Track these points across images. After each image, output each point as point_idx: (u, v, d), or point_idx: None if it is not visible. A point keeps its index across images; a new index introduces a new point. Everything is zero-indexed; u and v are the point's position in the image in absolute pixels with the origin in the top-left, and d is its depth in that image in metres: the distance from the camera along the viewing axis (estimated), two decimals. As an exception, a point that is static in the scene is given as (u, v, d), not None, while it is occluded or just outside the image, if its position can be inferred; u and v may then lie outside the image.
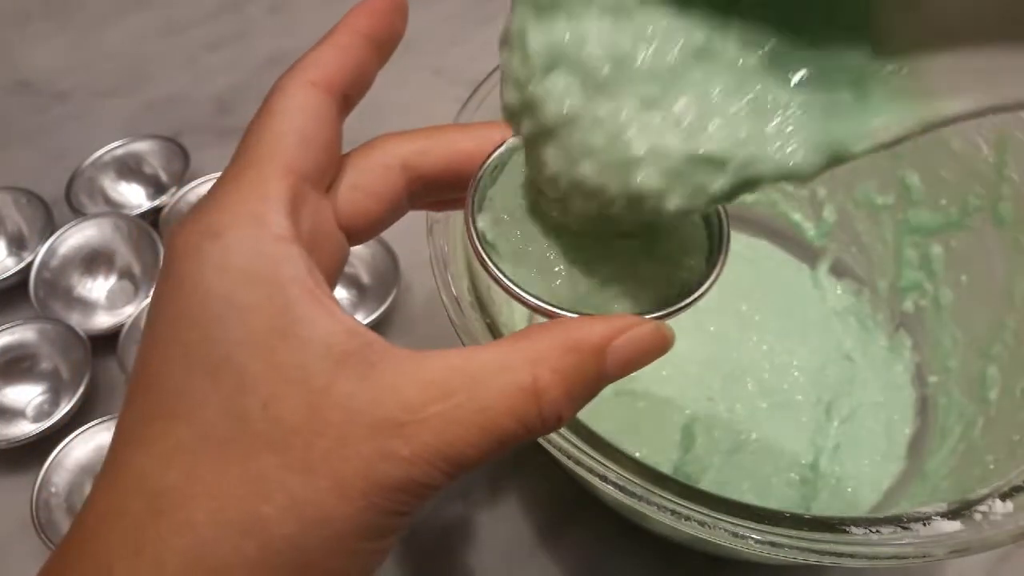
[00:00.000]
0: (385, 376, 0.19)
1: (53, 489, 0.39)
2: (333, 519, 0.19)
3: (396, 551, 0.39)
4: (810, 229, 0.46)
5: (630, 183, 0.21)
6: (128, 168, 0.51)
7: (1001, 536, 0.25)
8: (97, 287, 0.46)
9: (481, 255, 0.23)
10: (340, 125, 0.23)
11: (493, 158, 0.24)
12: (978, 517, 0.26)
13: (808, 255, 0.47)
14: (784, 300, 0.45)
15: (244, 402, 0.19)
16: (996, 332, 0.37)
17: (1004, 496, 0.27)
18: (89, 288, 0.46)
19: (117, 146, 0.52)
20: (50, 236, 0.46)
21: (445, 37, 0.62)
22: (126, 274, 0.47)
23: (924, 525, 0.26)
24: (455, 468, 0.19)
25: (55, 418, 0.40)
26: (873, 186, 0.43)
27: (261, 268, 0.20)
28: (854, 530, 0.25)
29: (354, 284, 0.47)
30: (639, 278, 0.23)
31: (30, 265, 0.45)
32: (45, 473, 0.39)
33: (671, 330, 0.22)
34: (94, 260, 0.46)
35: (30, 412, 0.42)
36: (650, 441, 0.39)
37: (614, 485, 0.26)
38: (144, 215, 0.48)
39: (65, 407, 0.40)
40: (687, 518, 0.25)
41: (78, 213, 0.48)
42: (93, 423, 0.40)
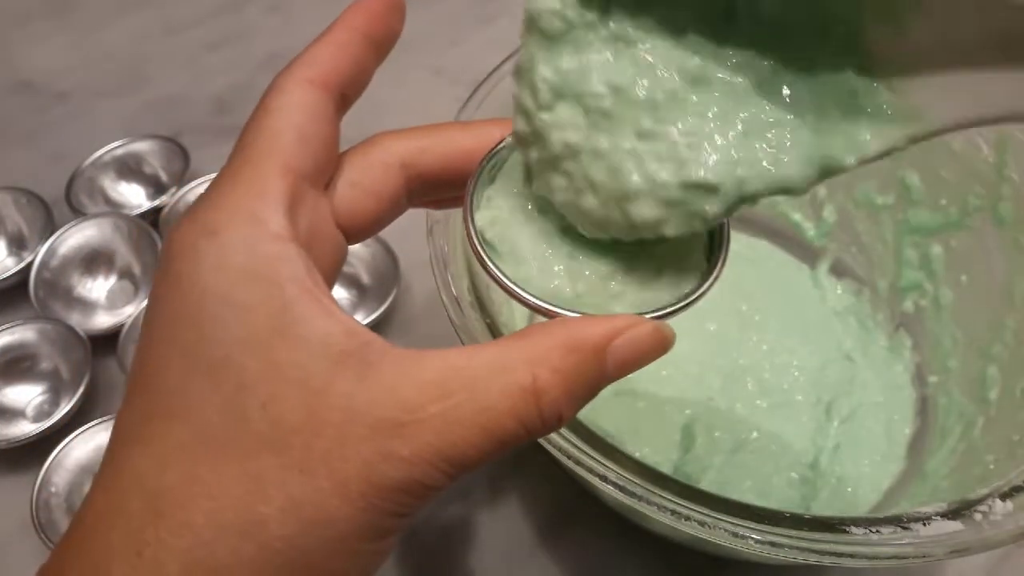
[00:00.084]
0: (384, 376, 0.19)
1: (53, 489, 0.39)
2: (333, 520, 0.19)
3: (396, 551, 0.39)
4: (810, 229, 0.46)
5: (631, 215, 0.21)
6: (128, 168, 0.51)
7: (1001, 536, 0.25)
8: (97, 287, 0.46)
9: (480, 254, 0.23)
10: (338, 123, 0.23)
11: (492, 157, 0.24)
12: (978, 517, 0.26)
13: (808, 255, 0.47)
14: (784, 300, 0.45)
15: (243, 402, 0.19)
16: (996, 332, 0.37)
17: (1004, 496, 0.27)
18: (89, 288, 0.46)
19: (117, 146, 0.52)
20: (50, 236, 0.46)
21: (445, 37, 0.62)
22: (126, 274, 0.47)
23: (924, 525, 0.25)
24: (456, 468, 0.19)
25: (55, 418, 0.40)
26: (873, 186, 0.43)
27: (259, 267, 0.20)
28: (854, 530, 0.25)
29: (354, 284, 0.47)
30: (639, 278, 0.23)
31: (30, 265, 0.45)
32: (45, 473, 0.39)
33: (671, 330, 0.22)
34: (94, 260, 0.46)
35: (30, 412, 0.42)
36: (650, 441, 0.39)
37: (614, 485, 0.26)
38: (144, 215, 0.48)
39: (65, 407, 0.40)
40: (687, 518, 0.25)
41: (78, 213, 0.48)
42: (93, 423, 0.40)
